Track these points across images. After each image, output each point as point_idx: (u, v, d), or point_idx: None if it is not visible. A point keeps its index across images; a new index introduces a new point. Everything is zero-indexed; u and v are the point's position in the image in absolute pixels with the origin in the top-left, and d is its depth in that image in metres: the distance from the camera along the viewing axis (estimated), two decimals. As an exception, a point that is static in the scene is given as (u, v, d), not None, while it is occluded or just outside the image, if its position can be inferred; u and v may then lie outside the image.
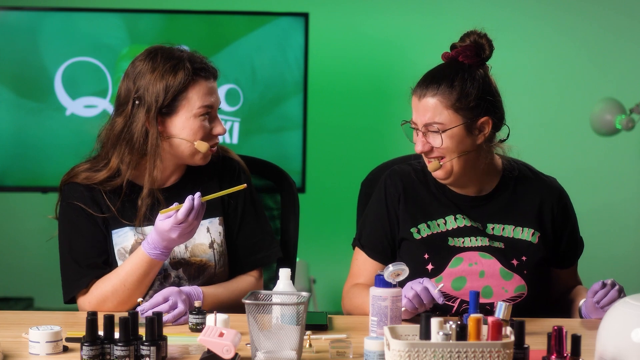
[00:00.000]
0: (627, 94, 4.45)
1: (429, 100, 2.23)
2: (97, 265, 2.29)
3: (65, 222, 2.33)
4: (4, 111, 4.30)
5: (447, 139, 2.22)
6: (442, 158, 2.24)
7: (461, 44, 2.27)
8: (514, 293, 2.26)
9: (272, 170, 2.64)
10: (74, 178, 2.33)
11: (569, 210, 2.38)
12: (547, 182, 2.38)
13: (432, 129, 2.22)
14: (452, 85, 2.22)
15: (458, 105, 2.21)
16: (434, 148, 2.24)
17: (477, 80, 2.24)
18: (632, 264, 4.74)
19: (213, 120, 2.32)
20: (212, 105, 2.31)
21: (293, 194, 2.64)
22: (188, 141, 2.29)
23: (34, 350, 1.87)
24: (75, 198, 2.31)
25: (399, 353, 1.61)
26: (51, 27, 4.30)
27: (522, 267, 2.27)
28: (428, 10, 4.70)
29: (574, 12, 4.71)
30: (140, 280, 2.23)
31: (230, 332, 1.78)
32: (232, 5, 4.53)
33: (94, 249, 2.30)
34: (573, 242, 2.38)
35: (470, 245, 2.28)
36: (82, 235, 2.31)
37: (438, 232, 2.30)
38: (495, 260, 2.27)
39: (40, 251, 4.25)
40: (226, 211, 2.39)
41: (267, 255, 2.41)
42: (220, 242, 2.36)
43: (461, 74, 2.24)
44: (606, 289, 2.14)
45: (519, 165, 2.39)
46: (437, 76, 2.25)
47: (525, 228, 2.31)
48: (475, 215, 2.31)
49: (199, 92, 2.29)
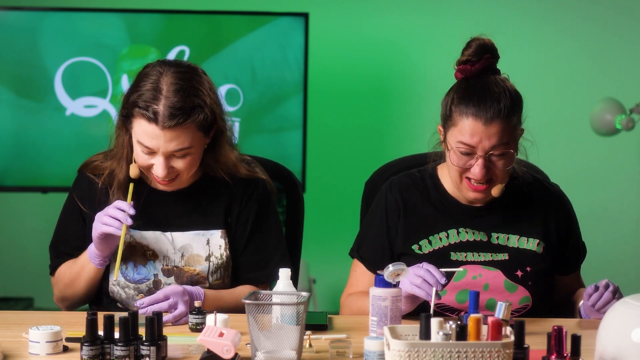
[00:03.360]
0: (627, 94, 4.45)
1: (496, 126, 2.16)
2: (71, 256, 2.36)
3: (64, 208, 2.42)
4: (4, 111, 4.30)
5: (510, 162, 2.20)
6: (496, 182, 2.21)
7: (485, 55, 2.26)
8: (519, 305, 2.25)
9: (277, 170, 2.62)
10: (85, 168, 2.39)
11: (572, 217, 2.37)
12: (552, 190, 2.37)
13: (497, 153, 2.17)
14: (513, 110, 2.20)
15: (517, 126, 2.22)
16: (495, 172, 2.20)
17: (520, 97, 2.25)
18: (632, 264, 4.74)
19: (155, 157, 2.21)
20: (150, 147, 2.19)
21: (298, 194, 2.64)
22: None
23: (34, 350, 1.87)
24: (76, 190, 2.38)
25: (399, 353, 1.61)
26: (51, 27, 4.30)
27: (527, 278, 2.26)
28: (428, 10, 4.70)
29: (574, 12, 4.71)
30: (78, 273, 2.31)
31: (230, 332, 1.78)
32: (232, 5, 4.53)
33: (75, 241, 2.36)
34: (576, 248, 2.38)
35: (473, 260, 2.27)
36: (68, 226, 2.38)
37: (440, 247, 2.28)
38: (499, 272, 2.25)
39: (40, 251, 4.24)
40: (234, 224, 2.37)
41: (269, 273, 2.36)
42: (220, 255, 2.34)
43: (518, 99, 2.23)
44: (599, 292, 2.13)
45: (524, 172, 2.36)
46: (502, 100, 2.19)
47: (531, 238, 2.29)
48: (480, 224, 2.29)
49: (137, 127, 2.21)
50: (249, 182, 2.38)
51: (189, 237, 2.32)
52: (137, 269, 2.30)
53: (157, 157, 2.21)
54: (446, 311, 2.25)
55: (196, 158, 2.26)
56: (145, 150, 2.21)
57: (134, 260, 2.30)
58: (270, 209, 2.41)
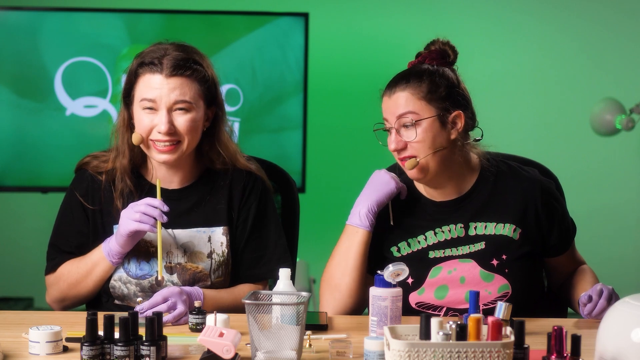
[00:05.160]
0: (627, 94, 4.45)
1: (400, 94, 2.23)
2: (72, 254, 2.35)
3: (63, 206, 2.41)
4: (4, 111, 4.30)
5: (422, 132, 2.22)
6: (415, 157, 2.23)
7: (426, 51, 2.31)
8: (498, 293, 2.25)
9: (272, 170, 2.64)
10: (85, 165, 2.40)
11: (554, 200, 2.34)
12: (527, 176, 2.34)
13: (406, 122, 2.22)
14: (420, 78, 2.24)
15: (430, 97, 2.22)
16: (408, 145, 2.23)
17: (445, 75, 2.26)
18: (632, 264, 4.74)
19: (157, 114, 2.28)
20: (153, 99, 2.27)
21: (294, 194, 2.64)
22: None
23: (34, 350, 1.87)
24: (78, 188, 2.38)
25: (399, 353, 1.61)
26: (51, 27, 4.30)
27: (503, 266, 2.26)
28: (428, 10, 4.70)
29: (574, 12, 4.71)
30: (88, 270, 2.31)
31: (230, 332, 1.78)
32: (232, 5, 4.53)
33: (77, 239, 2.36)
34: (564, 229, 2.35)
35: (451, 254, 2.28)
36: (69, 224, 2.38)
37: (418, 249, 2.30)
38: (474, 264, 2.26)
39: (40, 251, 4.23)
40: (235, 222, 2.39)
41: (270, 269, 2.38)
42: (221, 252, 2.35)
43: (428, 70, 2.26)
44: (594, 302, 2.14)
45: (498, 160, 2.36)
46: (404, 74, 2.27)
47: (507, 224, 2.28)
48: (458, 217, 2.30)
49: (141, 84, 2.29)
50: (248, 178, 2.41)
51: (190, 234, 2.33)
52: (139, 265, 2.31)
53: (159, 113, 2.26)
54: (428, 309, 2.26)
55: (198, 123, 2.30)
56: (148, 105, 2.27)
57: (136, 256, 2.31)
58: (269, 205, 2.43)
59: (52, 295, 2.36)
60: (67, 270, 2.33)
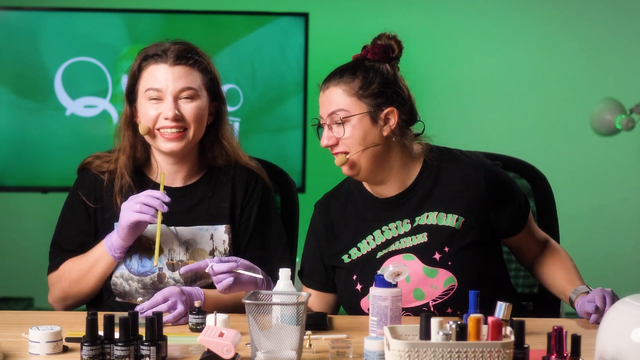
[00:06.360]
0: (627, 94, 4.45)
1: (332, 90, 2.24)
2: (74, 253, 2.36)
3: (66, 205, 2.43)
4: (4, 111, 4.30)
5: (351, 129, 2.21)
6: (347, 153, 2.23)
7: (369, 45, 2.30)
8: (445, 287, 2.21)
9: (272, 170, 2.64)
10: (88, 165, 2.42)
11: (499, 182, 2.28)
12: (469, 162, 2.29)
13: (336, 119, 2.21)
14: (354, 74, 2.24)
15: (361, 93, 2.21)
16: (339, 142, 2.22)
17: (380, 71, 2.25)
18: (632, 263, 4.74)
19: (163, 103, 2.31)
20: (159, 88, 2.31)
21: (293, 194, 2.65)
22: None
23: (34, 350, 1.87)
24: (80, 187, 2.40)
25: (399, 353, 1.61)
26: (51, 27, 4.30)
27: (446, 259, 2.22)
28: (428, 10, 4.70)
29: (574, 12, 4.71)
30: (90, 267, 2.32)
31: (230, 332, 1.78)
32: (232, 5, 4.53)
33: (80, 238, 2.36)
34: (515, 208, 2.29)
35: (394, 249, 2.25)
36: (73, 223, 2.39)
37: (367, 252, 2.28)
38: (417, 261, 2.23)
39: (40, 251, 4.23)
40: (237, 220, 2.40)
41: (271, 269, 2.37)
42: (223, 250, 2.36)
43: (364, 65, 2.25)
44: (601, 310, 2.09)
45: (442, 150, 2.32)
46: (340, 69, 2.27)
47: (449, 214, 2.24)
48: (403, 212, 2.27)
49: (146, 75, 2.33)
50: (250, 176, 2.43)
51: (193, 232, 2.34)
52: (141, 262, 2.32)
53: (165, 102, 2.30)
54: (408, 311, 2.23)
55: (203, 111, 2.34)
56: (154, 95, 2.30)
57: (138, 252, 2.31)
58: (271, 205, 2.45)
59: (54, 295, 2.37)
60: (69, 268, 2.34)
